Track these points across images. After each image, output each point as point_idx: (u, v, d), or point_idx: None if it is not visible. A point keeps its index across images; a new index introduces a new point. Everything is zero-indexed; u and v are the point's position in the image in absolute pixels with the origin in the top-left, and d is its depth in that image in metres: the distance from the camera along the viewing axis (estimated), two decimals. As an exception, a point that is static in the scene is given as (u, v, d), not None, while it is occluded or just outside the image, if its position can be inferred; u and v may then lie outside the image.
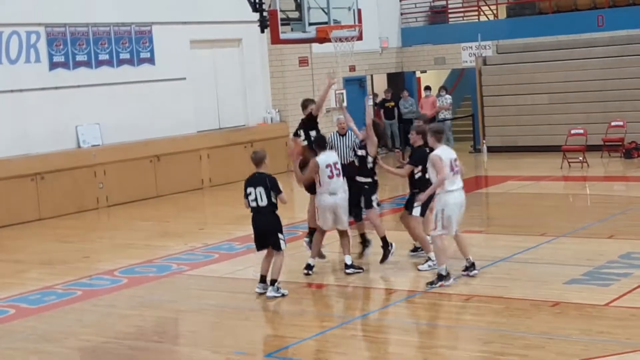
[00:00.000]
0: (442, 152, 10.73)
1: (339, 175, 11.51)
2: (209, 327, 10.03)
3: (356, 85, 25.68)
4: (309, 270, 11.74)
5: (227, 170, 20.87)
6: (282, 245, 10.73)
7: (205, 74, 21.99)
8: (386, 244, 12.08)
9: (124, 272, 12.78)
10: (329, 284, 11.55)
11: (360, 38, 20.03)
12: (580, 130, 21.46)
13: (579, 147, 20.92)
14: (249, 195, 10.66)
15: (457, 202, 10.76)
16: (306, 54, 23.75)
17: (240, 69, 22.93)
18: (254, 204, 10.64)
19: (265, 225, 10.70)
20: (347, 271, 11.66)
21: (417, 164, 11.47)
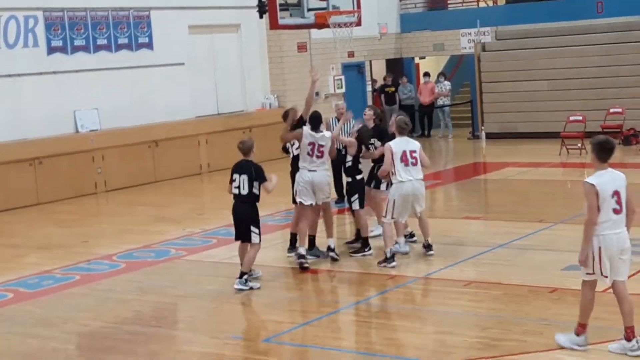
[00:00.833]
0: (395, 143, 11.14)
1: (320, 157, 11.35)
2: (207, 312, 10.03)
3: (355, 71, 25.64)
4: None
5: (225, 155, 20.64)
6: (254, 238, 10.52)
7: (203, 59, 21.94)
8: (366, 244, 11.92)
9: (122, 257, 12.78)
10: (326, 269, 11.55)
11: (359, 24, 20.01)
12: (578, 117, 21.44)
13: (578, 133, 20.91)
14: (233, 181, 10.58)
15: (406, 193, 11.14)
16: (305, 39, 23.68)
17: (238, 55, 22.87)
18: (236, 191, 10.52)
19: (241, 214, 10.55)
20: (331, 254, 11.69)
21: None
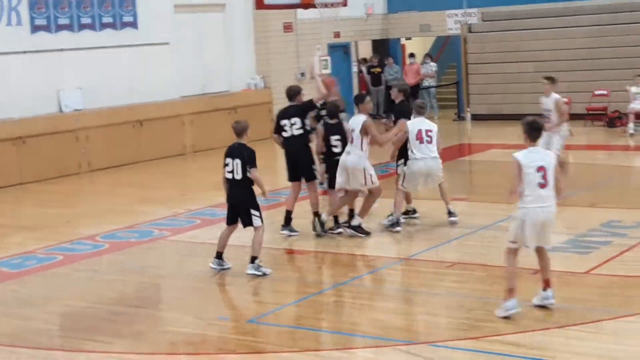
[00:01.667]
0: (412, 122, 11.91)
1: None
2: (192, 292, 10.01)
3: (341, 52, 25.55)
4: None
5: (210, 136, 20.74)
6: (255, 222, 10.31)
7: (188, 39, 21.79)
8: (322, 224, 11.92)
9: (105, 237, 12.72)
10: (311, 250, 11.56)
11: (345, 4, 19.99)
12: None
13: (563, 115, 20.89)
14: (226, 165, 10.34)
15: (418, 170, 11.95)
16: (291, 19, 23.56)
17: (224, 35, 22.73)
18: (230, 175, 10.29)
19: (238, 199, 10.36)
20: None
21: (398, 117, 12.23)
